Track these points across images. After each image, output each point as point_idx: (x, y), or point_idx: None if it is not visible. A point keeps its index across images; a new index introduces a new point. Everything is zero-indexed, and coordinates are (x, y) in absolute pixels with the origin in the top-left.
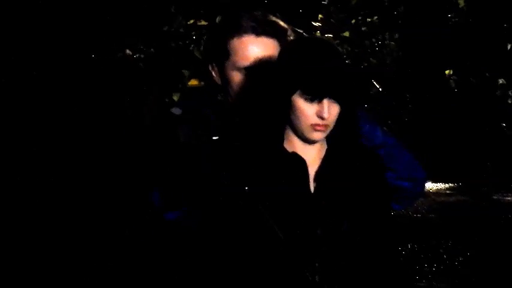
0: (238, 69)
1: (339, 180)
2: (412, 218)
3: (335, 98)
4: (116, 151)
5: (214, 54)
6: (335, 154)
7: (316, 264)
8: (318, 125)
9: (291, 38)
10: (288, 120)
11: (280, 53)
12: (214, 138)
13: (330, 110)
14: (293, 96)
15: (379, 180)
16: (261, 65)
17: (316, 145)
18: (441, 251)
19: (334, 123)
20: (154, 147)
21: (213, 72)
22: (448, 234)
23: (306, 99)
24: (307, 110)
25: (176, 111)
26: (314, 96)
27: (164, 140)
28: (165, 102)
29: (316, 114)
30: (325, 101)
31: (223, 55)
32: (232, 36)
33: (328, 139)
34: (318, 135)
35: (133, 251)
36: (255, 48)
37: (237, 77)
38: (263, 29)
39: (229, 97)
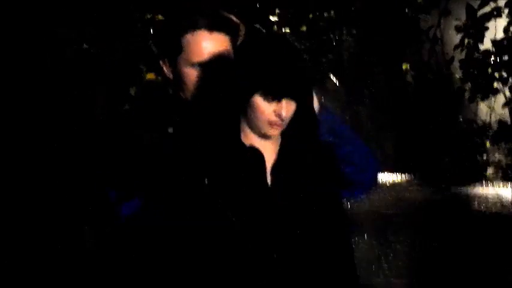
0: (191, 64)
1: (294, 173)
2: (369, 212)
3: (293, 96)
4: (69, 147)
5: (167, 49)
6: (289, 147)
7: (274, 255)
8: (276, 122)
9: (243, 33)
10: (244, 115)
11: (239, 54)
12: (169, 131)
13: (288, 108)
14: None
15: (332, 171)
16: (214, 61)
17: (272, 139)
18: (398, 246)
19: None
20: (108, 142)
21: (164, 67)
22: (405, 229)
23: (265, 99)
24: (265, 109)
25: (129, 106)
26: (274, 97)
27: (118, 134)
28: (120, 96)
29: (274, 112)
30: (284, 100)
31: (175, 50)
32: (185, 32)
33: (282, 132)
34: (274, 132)
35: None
36: (208, 44)
37: (189, 72)
38: (216, 25)
39: (182, 92)
